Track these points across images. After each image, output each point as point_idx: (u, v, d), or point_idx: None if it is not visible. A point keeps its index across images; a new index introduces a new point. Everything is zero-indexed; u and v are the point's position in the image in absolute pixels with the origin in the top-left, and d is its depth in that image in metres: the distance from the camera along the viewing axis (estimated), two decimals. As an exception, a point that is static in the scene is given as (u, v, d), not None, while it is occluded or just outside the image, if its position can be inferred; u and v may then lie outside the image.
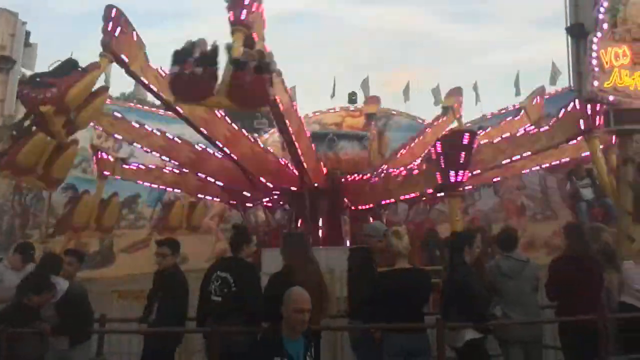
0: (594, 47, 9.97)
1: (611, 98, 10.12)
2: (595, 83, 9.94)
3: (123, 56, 14.19)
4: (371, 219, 18.44)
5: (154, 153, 18.82)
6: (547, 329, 8.88)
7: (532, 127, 14.19)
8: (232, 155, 18.20)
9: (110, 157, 20.38)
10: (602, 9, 10.07)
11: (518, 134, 14.57)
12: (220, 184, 20.96)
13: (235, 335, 7.57)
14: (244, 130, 19.79)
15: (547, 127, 13.41)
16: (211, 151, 20.26)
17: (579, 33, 10.21)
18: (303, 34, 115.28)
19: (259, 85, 12.23)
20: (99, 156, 19.83)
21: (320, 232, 19.70)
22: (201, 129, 16.95)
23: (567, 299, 8.24)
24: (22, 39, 29.76)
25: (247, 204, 24.20)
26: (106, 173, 19.57)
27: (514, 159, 14.47)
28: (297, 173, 19.38)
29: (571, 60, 10.33)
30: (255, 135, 23.13)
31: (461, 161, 12.42)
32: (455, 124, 21.59)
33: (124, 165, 20.67)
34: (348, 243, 18.63)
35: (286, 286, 6.80)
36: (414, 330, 7.56)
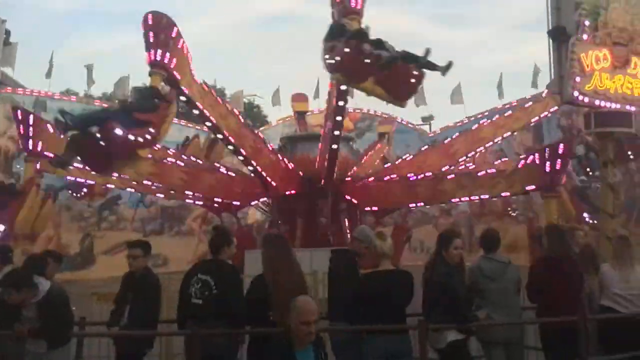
0: (575, 50, 10.04)
1: (587, 100, 10.20)
2: (576, 86, 10.01)
3: (176, 74, 13.71)
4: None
5: (145, 183, 18.22)
6: (529, 330, 8.91)
7: (493, 170, 14.21)
8: (257, 166, 18.15)
9: None
10: (583, 13, 10.14)
11: (479, 174, 14.65)
12: (219, 199, 20.84)
13: (215, 338, 7.51)
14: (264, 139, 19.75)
15: (507, 173, 13.44)
16: (201, 167, 20.29)
17: (560, 36, 10.25)
18: (287, 36, 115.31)
19: (412, 77, 12.22)
20: None
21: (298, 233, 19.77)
22: (235, 143, 16.88)
23: (547, 300, 8.29)
24: (1, 37, 29.46)
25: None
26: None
27: (472, 198, 14.54)
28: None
29: (553, 64, 10.40)
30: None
31: (561, 168, 12.43)
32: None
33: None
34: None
35: (268, 289, 6.94)
36: (396, 332, 7.55)
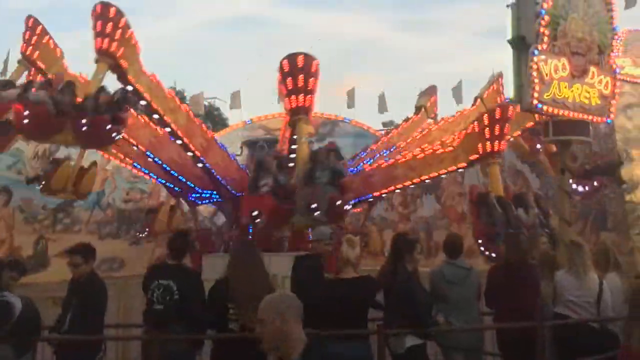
0: (535, 59, 10.15)
1: (545, 109, 10.32)
2: (535, 94, 10.11)
3: (122, 62, 13.66)
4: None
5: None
6: (487, 335, 8.99)
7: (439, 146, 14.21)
8: (207, 164, 18.06)
9: None
10: (543, 22, 10.25)
11: (426, 153, 14.59)
12: (175, 173, 20.62)
13: (174, 344, 7.48)
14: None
15: (450, 148, 13.49)
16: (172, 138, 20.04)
17: (520, 45, 10.35)
18: (250, 38, 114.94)
19: (99, 126, 12.08)
20: None
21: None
22: (184, 137, 16.77)
23: (504, 307, 8.38)
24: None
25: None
26: None
27: (423, 178, 14.69)
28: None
29: (513, 72, 10.50)
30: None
31: (499, 133, 12.45)
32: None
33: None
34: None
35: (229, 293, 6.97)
36: (357, 338, 7.55)
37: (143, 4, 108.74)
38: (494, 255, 11.37)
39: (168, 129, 16.28)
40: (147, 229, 23.86)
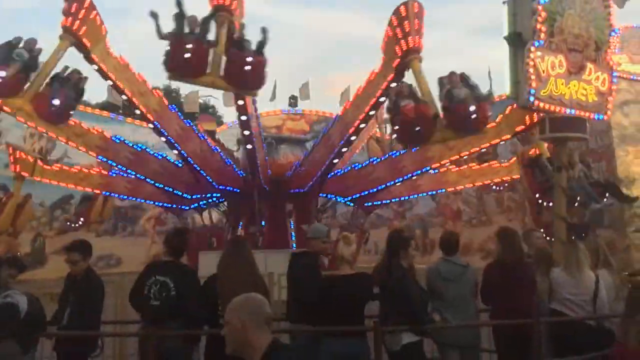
0: (531, 56, 10.12)
1: (542, 105, 10.31)
2: (532, 91, 10.09)
3: (85, 40, 14.01)
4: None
5: (90, 153, 18.35)
6: (483, 332, 8.98)
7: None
8: (182, 151, 18.10)
9: (29, 157, 19.88)
10: (539, 19, 10.22)
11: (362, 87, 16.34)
12: (160, 185, 20.68)
13: (170, 339, 7.48)
14: (193, 127, 19.76)
15: (493, 123, 14.11)
16: (151, 152, 20.13)
17: (517, 42, 10.31)
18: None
19: (258, 67, 12.25)
20: (17, 156, 19.32)
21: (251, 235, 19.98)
22: (155, 121, 16.78)
23: (499, 304, 8.38)
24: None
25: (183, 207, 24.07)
26: (24, 174, 19.12)
27: (462, 154, 15.95)
28: (244, 173, 19.58)
29: (509, 69, 10.46)
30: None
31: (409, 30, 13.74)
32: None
33: (45, 166, 19.94)
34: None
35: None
36: (354, 334, 7.56)
37: (137, 3, 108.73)
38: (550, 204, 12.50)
39: (137, 111, 16.42)
40: (81, 218, 23.98)
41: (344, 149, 19.05)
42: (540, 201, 13.89)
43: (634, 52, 22.66)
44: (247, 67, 12.17)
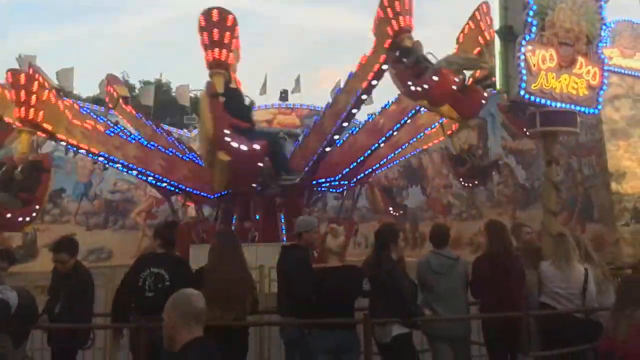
0: (522, 49, 10.12)
1: (533, 99, 10.32)
2: (523, 85, 10.09)
3: (46, 125, 14.16)
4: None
5: (129, 166, 18.26)
6: (473, 325, 9.01)
7: None
8: (172, 182, 18.36)
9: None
10: (531, 13, 10.22)
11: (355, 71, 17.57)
12: (190, 190, 20.84)
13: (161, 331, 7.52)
14: (177, 153, 19.96)
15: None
16: (180, 155, 20.30)
17: (507, 36, 10.30)
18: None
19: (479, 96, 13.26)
20: None
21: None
22: (139, 168, 17.04)
23: (488, 297, 8.41)
24: None
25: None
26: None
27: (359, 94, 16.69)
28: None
29: (500, 62, 10.47)
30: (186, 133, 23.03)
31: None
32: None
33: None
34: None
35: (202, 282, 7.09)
36: (343, 327, 7.59)
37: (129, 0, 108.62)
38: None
39: (118, 166, 16.62)
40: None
41: (336, 136, 19.10)
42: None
43: (626, 45, 22.73)
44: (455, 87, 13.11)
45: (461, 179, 21.77)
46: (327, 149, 19.42)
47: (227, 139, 13.54)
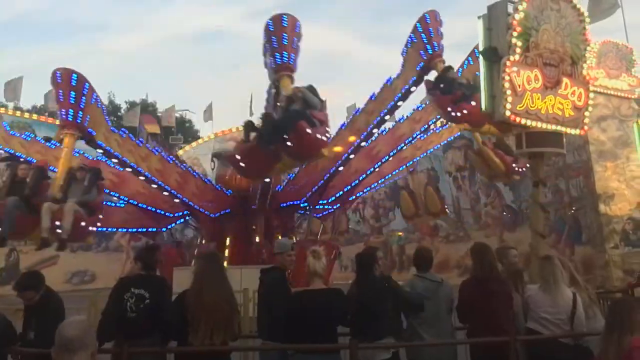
0: (507, 70, 10.08)
1: (518, 120, 10.26)
2: (508, 106, 10.03)
3: (91, 131, 14.04)
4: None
5: (152, 179, 18.19)
6: (460, 350, 8.89)
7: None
8: (184, 198, 18.47)
9: None
10: (515, 34, 10.19)
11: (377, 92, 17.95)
12: (196, 207, 20.95)
13: (145, 356, 7.49)
14: (189, 169, 20.12)
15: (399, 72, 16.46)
16: (192, 172, 20.41)
17: (492, 56, 10.28)
18: (221, 52, 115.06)
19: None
20: None
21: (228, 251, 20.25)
22: (159, 181, 17.11)
23: (475, 321, 8.27)
24: None
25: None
26: None
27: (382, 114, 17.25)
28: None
29: (485, 83, 10.44)
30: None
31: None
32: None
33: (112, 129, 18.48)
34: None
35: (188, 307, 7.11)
36: (326, 351, 7.49)
37: (114, 20, 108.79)
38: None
39: (142, 177, 16.58)
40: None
41: (352, 156, 19.45)
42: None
43: (611, 66, 22.78)
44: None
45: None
46: (340, 169, 19.61)
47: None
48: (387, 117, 17.69)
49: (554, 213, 25.26)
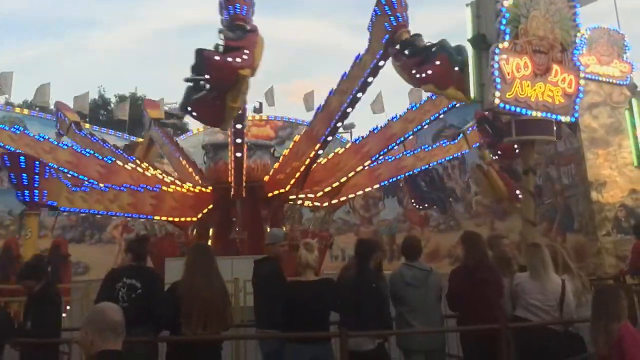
0: (496, 58, 10.05)
1: (508, 108, 10.24)
2: (497, 94, 10.01)
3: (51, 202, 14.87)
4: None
5: (60, 169, 18.33)
6: (451, 338, 8.89)
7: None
8: (162, 217, 18.81)
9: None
10: (504, 21, 10.16)
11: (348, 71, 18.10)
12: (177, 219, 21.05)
13: (138, 346, 7.42)
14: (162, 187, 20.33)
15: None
16: (120, 163, 20.20)
17: (480, 44, 10.25)
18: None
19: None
20: None
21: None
22: (132, 214, 17.74)
23: (466, 309, 8.26)
24: None
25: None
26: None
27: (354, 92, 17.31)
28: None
29: (473, 71, 10.41)
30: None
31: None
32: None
33: (73, 189, 18.88)
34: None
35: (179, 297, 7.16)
36: (318, 340, 7.55)
37: (102, 15, 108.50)
38: None
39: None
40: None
41: (329, 137, 19.40)
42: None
43: (602, 53, 22.69)
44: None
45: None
46: (320, 152, 19.60)
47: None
48: (359, 94, 17.62)
49: (546, 201, 25.37)
